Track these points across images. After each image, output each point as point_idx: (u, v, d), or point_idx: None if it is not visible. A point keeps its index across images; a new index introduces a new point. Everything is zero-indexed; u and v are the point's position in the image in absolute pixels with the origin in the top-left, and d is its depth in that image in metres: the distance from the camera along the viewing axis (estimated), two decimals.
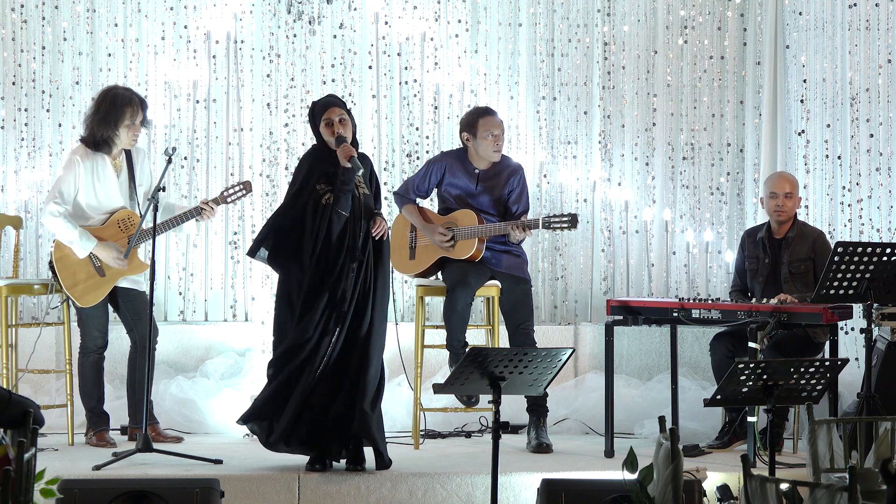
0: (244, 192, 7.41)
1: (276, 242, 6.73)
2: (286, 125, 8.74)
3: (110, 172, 7.34)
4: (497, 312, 7.59)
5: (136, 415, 7.37)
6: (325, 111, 6.75)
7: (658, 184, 8.86)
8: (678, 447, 4.91)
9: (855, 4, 8.42)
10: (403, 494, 6.53)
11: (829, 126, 8.52)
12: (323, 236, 6.61)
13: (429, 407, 7.59)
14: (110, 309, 7.49)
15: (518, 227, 7.37)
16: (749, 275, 7.63)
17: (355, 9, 8.76)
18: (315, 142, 6.91)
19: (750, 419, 6.94)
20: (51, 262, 7.33)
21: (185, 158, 8.67)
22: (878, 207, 8.39)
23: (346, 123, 6.73)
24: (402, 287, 8.69)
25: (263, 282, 8.67)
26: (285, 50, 8.74)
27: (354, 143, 6.78)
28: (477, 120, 7.57)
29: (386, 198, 8.62)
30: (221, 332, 8.55)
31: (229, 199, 7.40)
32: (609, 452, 7.18)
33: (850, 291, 6.78)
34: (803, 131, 8.60)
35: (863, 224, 8.41)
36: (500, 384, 5.52)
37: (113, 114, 7.28)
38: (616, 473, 5.60)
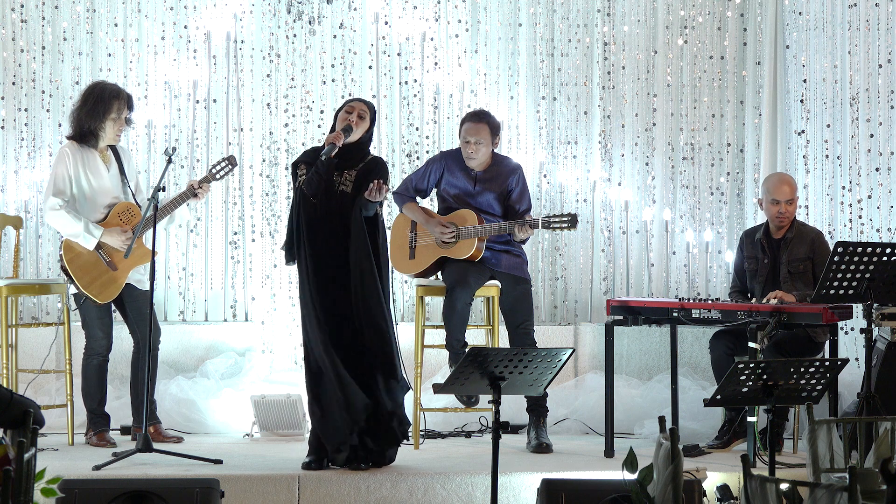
0: (230, 166, 7.42)
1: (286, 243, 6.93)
2: (286, 125, 8.75)
3: (100, 165, 7.36)
4: (497, 312, 7.59)
5: (139, 415, 7.37)
6: (353, 101, 6.91)
7: (658, 184, 8.86)
8: (678, 447, 4.91)
9: (855, 4, 8.42)
10: (403, 494, 6.53)
11: (829, 126, 8.52)
12: (300, 221, 6.68)
13: (429, 407, 7.59)
14: (114, 310, 7.50)
15: (524, 226, 7.36)
16: (748, 275, 7.63)
17: (355, 9, 8.76)
18: (312, 147, 6.97)
19: (750, 419, 6.94)
20: (63, 267, 7.32)
21: (185, 158, 8.67)
22: (878, 207, 8.39)
23: (364, 121, 6.82)
24: (402, 287, 8.69)
25: (263, 282, 8.68)
26: (285, 50, 8.74)
27: (365, 143, 6.84)
28: (462, 124, 7.62)
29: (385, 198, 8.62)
30: (221, 332, 8.55)
31: (217, 176, 7.41)
32: (609, 452, 7.18)
33: (850, 291, 6.78)
34: (803, 131, 8.60)
35: (863, 224, 8.41)
36: (500, 384, 5.51)
37: (101, 106, 7.31)
38: (616, 473, 5.60)
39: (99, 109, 7.32)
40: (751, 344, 6.91)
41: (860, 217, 8.42)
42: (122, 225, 7.33)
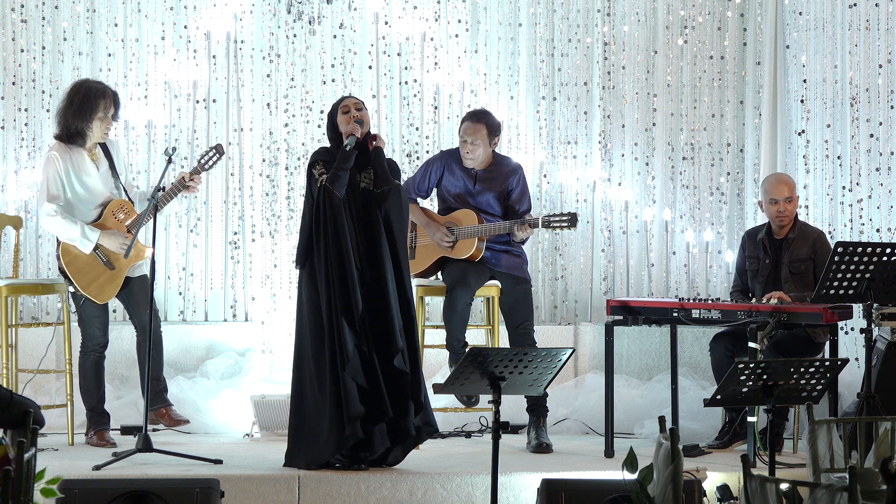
0: (217, 155, 7.38)
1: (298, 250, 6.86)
2: (286, 125, 8.74)
3: (89, 165, 7.33)
4: (497, 312, 7.59)
5: (151, 399, 7.30)
6: (342, 102, 6.90)
7: (658, 184, 8.86)
8: (678, 447, 4.91)
9: (855, 4, 8.42)
10: (403, 494, 6.53)
11: (829, 126, 8.52)
12: (326, 220, 6.65)
13: None
14: (111, 305, 7.50)
15: (524, 226, 7.37)
16: (749, 275, 7.63)
17: (355, 9, 8.76)
18: (322, 146, 6.98)
19: (750, 419, 6.94)
20: (61, 269, 7.31)
21: (186, 158, 8.67)
22: (878, 207, 8.38)
23: (363, 112, 6.83)
24: None
25: (263, 282, 8.68)
26: (285, 50, 8.74)
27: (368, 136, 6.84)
28: (461, 123, 7.64)
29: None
30: (221, 332, 8.55)
31: (206, 167, 7.37)
32: (609, 452, 7.18)
33: (850, 291, 6.78)
34: (803, 131, 8.60)
35: (863, 224, 8.41)
36: (500, 384, 5.52)
37: (87, 105, 7.27)
38: (616, 473, 5.60)
39: (85, 109, 7.27)
40: (751, 344, 6.91)
41: (860, 217, 8.42)
42: (117, 223, 7.32)
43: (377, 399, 6.60)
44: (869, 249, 6.75)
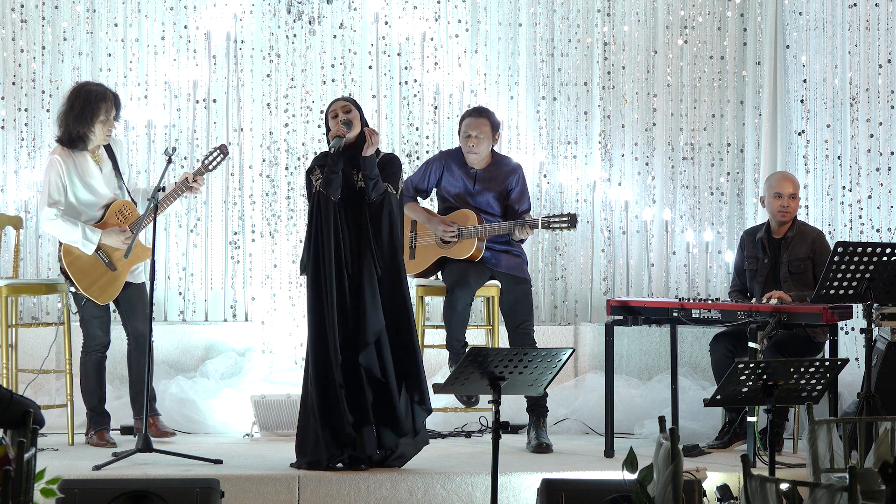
0: (222, 156, 7.37)
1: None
2: (286, 125, 8.74)
3: (92, 167, 7.33)
4: (497, 312, 7.59)
5: (137, 407, 7.31)
6: (331, 106, 6.87)
7: (658, 184, 8.86)
8: (678, 447, 4.91)
9: (855, 4, 8.42)
10: (403, 494, 6.53)
11: (829, 126, 8.52)
12: (320, 225, 6.64)
13: None
14: (114, 310, 7.50)
15: (524, 227, 7.38)
16: (748, 275, 7.64)
17: (355, 9, 8.76)
18: (322, 151, 6.99)
19: (750, 419, 6.94)
20: (63, 269, 7.30)
21: (185, 158, 8.67)
22: (878, 207, 8.38)
23: (351, 113, 6.78)
24: None
25: (263, 282, 8.68)
26: (285, 50, 8.74)
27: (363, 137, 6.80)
28: (462, 120, 7.63)
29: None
30: (221, 332, 8.55)
31: (211, 167, 7.37)
32: (609, 452, 7.18)
33: (850, 291, 6.78)
34: (803, 131, 8.60)
35: (863, 224, 8.41)
36: (500, 384, 5.52)
37: (88, 110, 7.25)
38: (616, 473, 5.60)
39: (87, 114, 7.25)
40: (751, 344, 6.91)
41: (860, 217, 8.42)
42: (119, 224, 7.32)
43: (361, 404, 6.61)
44: (869, 249, 6.75)
